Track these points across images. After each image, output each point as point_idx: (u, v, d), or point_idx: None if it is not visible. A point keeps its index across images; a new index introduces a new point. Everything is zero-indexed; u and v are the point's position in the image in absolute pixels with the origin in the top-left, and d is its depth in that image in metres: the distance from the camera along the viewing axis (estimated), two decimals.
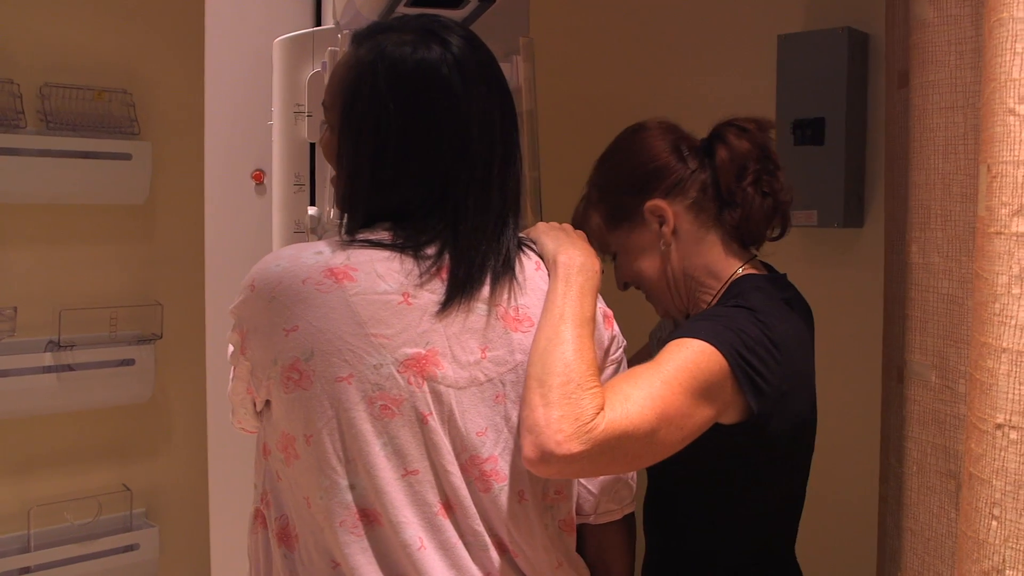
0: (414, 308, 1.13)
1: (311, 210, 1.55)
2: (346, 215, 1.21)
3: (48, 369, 2.63)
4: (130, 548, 2.78)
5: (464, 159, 1.17)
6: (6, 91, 2.55)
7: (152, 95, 2.82)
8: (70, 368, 2.66)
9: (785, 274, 1.46)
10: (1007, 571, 0.93)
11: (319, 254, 1.15)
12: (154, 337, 2.81)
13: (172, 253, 2.85)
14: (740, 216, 1.41)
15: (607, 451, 1.09)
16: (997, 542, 0.95)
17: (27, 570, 2.60)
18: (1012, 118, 0.94)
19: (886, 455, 1.63)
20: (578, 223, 1.50)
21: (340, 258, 1.14)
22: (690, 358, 1.19)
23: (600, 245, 1.48)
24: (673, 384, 1.15)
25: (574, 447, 1.06)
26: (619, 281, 1.52)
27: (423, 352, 1.12)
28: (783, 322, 1.32)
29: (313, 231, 1.56)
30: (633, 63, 2.77)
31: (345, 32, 1.46)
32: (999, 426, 0.95)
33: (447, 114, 1.16)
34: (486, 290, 1.17)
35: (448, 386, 1.13)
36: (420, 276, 1.14)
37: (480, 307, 1.16)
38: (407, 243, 1.16)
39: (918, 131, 1.48)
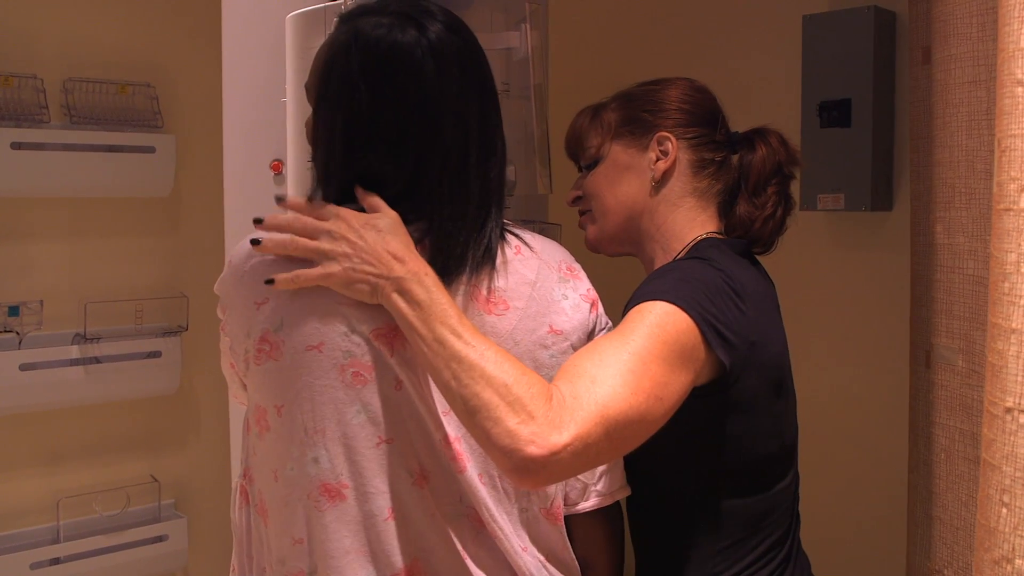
0: None
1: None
2: (319, 194, 1.19)
3: (75, 362, 2.64)
4: (159, 539, 2.79)
5: (436, 145, 1.15)
6: (30, 86, 2.56)
7: (176, 88, 2.83)
8: (97, 360, 2.67)
9: (745, 240, 1.41)
10: (1017, 560, 0.90)
11: None
12: (180, 329, 2.82)
13: (197, 245, 2.86)
14: (758, 216, 1.40)
15: (592, 443, 1.01)
16: (1007, 530, 0.91)
17: (57, 561, 2.62)
18: (1020, 89, 0.90)
19: (915, 442, 1.59)
20: (579, 119, 1.48)
21: None
22: (656, 323, 1.13)
23: (593, 145, 1.45)
24: (644, 355, 1.09)
25: (560, 438, 0.99)
26: (573, 192, 1.49)
27: (395, 327, 1.11)
28: (742, 272, 1.29)
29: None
30: (656, 44, 2.73)
31: (347, 5, 1.44)
32: (1008, 410, 0.91)
33: (417, 98, 1.14)
34: (464, 276, 1.16)
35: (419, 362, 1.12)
36: None
37: (456, 289, 1.15)
38: None
39: (941, 107, 1.45)
